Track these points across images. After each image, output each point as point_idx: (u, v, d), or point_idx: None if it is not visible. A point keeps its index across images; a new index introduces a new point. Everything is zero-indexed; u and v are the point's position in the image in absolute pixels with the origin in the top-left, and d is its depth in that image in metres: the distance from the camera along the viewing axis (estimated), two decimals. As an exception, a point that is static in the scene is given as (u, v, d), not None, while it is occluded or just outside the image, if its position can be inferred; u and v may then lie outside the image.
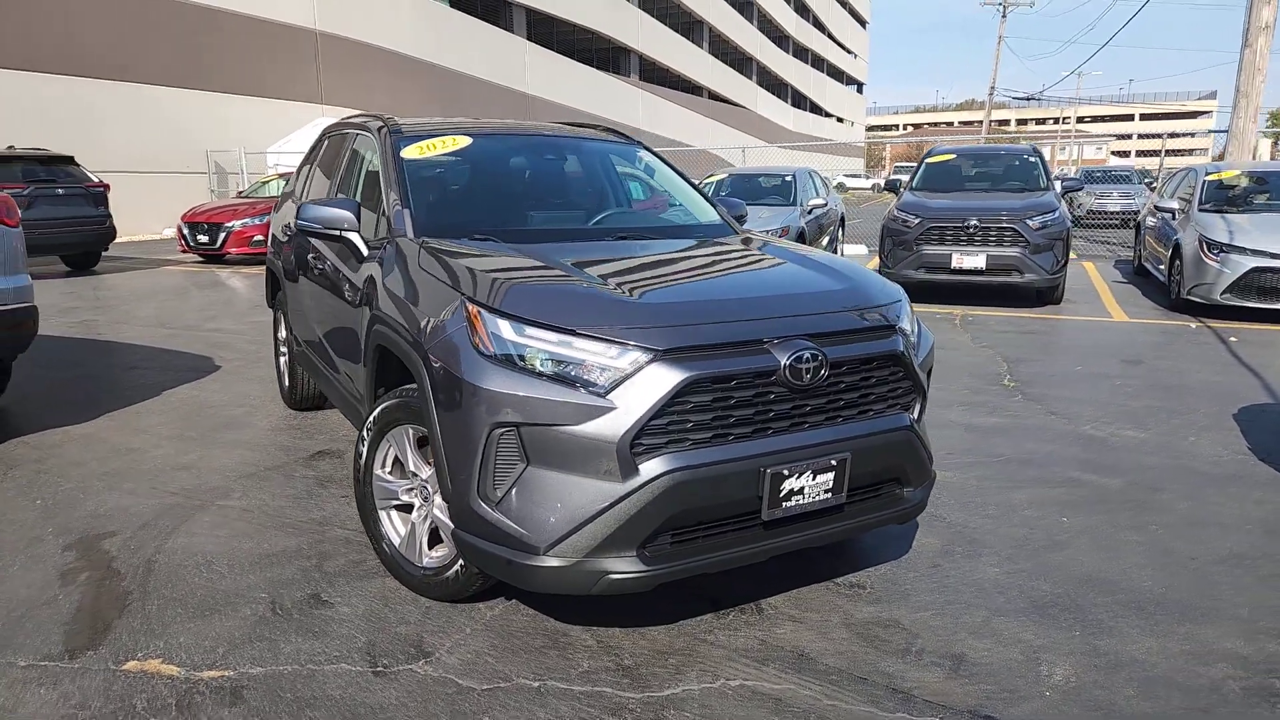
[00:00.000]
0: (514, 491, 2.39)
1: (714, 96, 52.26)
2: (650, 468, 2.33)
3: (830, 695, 2.42)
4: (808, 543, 2.69)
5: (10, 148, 12.01)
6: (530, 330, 2.41)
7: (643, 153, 4.34)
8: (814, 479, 2.57)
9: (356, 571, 3.13)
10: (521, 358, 2.39)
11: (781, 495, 2.51)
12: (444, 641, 2.68)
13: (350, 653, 2.61)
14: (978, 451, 4.57)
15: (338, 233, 3.37)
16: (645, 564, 2.39)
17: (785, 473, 2.50)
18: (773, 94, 62.70)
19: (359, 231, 3.38)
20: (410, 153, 3.67)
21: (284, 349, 5.21)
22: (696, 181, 12.15)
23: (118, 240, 13.59)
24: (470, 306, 2.52)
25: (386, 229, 3.33)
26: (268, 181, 15.14)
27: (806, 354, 2.50)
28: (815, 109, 72.49)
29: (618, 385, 2.33)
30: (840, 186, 41.89)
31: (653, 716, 2.32)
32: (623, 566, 2.37)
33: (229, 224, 12.99)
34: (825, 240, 12.30)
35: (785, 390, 2.50)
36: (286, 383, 5.20)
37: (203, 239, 13.09)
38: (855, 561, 3.27)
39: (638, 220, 3.97)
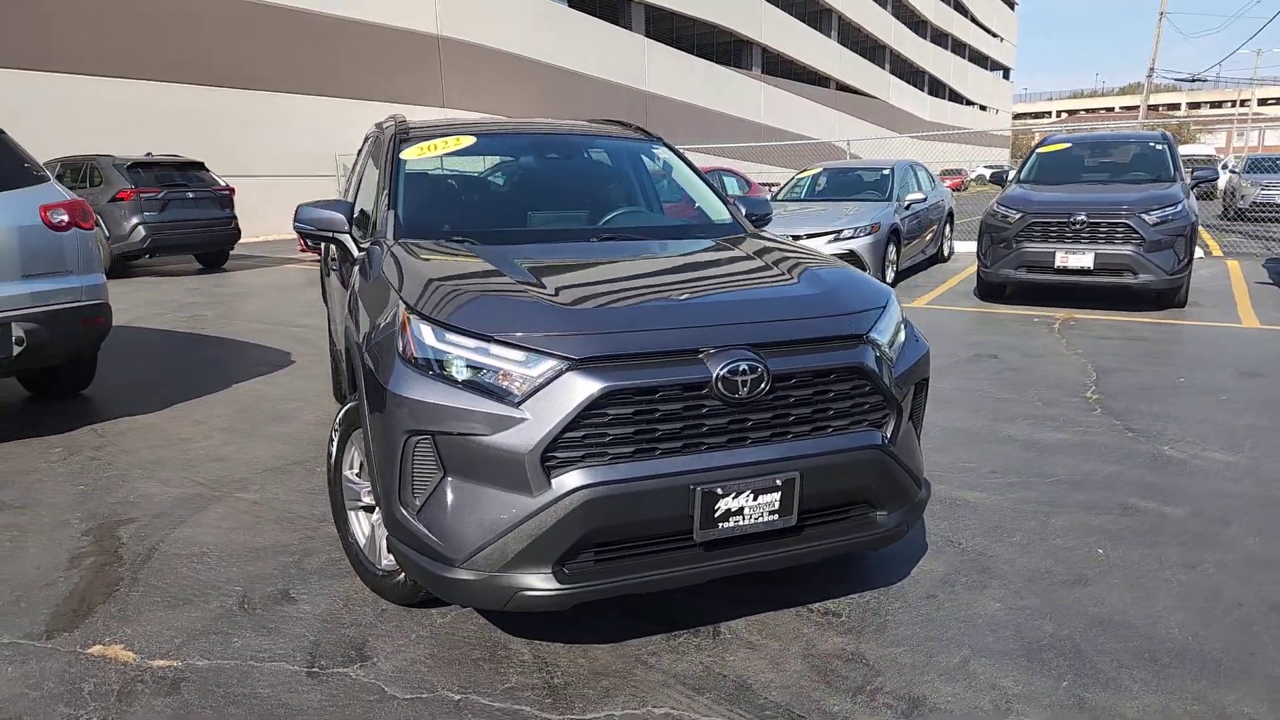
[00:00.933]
0: (432, 501, 2.35)
1: (841, 87, 50.83)
2: (563, 482, 2.24)
3: (757, 733, 2.25)
4: (757, 566, 2.52)
5: (149, 154, 13.08)
6: (450, 336, 2.36)
7: (660, 150, 4.21)
8: (755, 499, 2.39)
9: (331, 570, 3.18)
10: (440, 364, 2.34)
11: (717, 515, 2.36)
12: (386, 646, 2.67)
13: (294, 652, 2.64)
14: (1026, 471, 4.19)
15: (330, 234, 3.43)
16: (561, 581, 2.29)
17: (719, 492, 2.34)
18: (907, 82, 60.35)
19: (350, 233, 3.43)
20: (409, 154, 3.70)
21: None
22: (793, 174, 11.75)
23: (253, 240, 14.54)
24: (402, 311, 2.49)
25: (373, 230, 3.37)
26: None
27: (743, 365, 2.33)
28: (955, 97, 69.28)
29: (532, 395, 2.25)
30: (980, 179, 39.73)
31: (562, 741, 2.23)
32: (537, 583, 2.28)
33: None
34: (928, 237, 11.70)
35: (720, 404, 2.34)
36: (334, 378, 5.38)
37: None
38: (839, 587, 3.04)
39: (635, 220, 3.85)
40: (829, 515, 2.61)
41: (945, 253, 12.68)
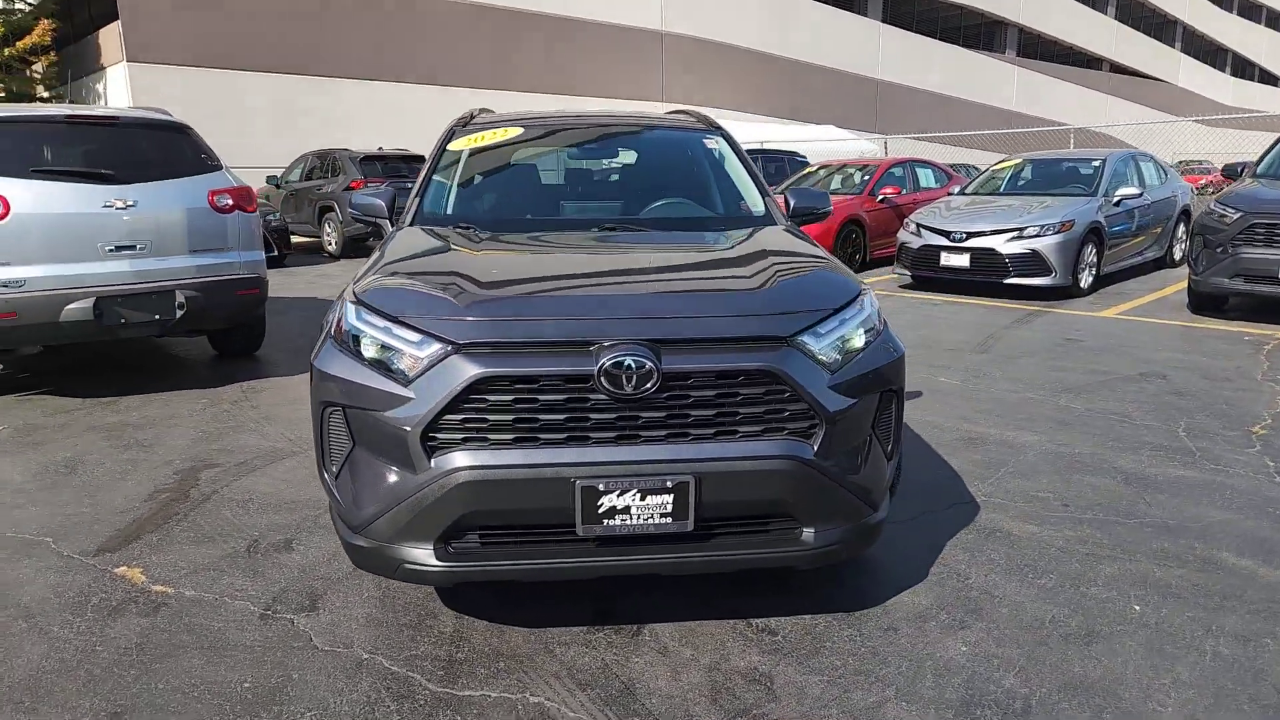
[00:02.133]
0: (344, 468, 2.51)
1: (1116, 69, 45.66)
2: (442, 462, 2.30)
3: (608, 738, 2.20)
4: (653, 569, 2.45)
5: (380, 148, 14.61)
6: (366, 315, 2.50)
7: (712, 140, 4.10)
8: (643, 500, 2.32)
9: (338, 527, 3.47)
10: (355, 340, 2.49)
11: (600, 512, 2.31)
12: (337, 601, 2.89)
13: (262, 594, 2.94)
14: (1112, 508, 3.64)
15: (373, 219, 3.72)
16: (441, 559, 2.36)
17: (601, 488, 2.29)
18: (1203, 62, 52.99)
19: (390, 219, 3.70)
20: (456, 144, 3.91)
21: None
22: (998, 162, 10.83)
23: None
24: (348, 290, 2.68)
25: (402, 216, 3.60)
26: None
27: (629, 360, 2.26)
28: (1267, 78, 59.77)
29: (419, 376, 2.33)
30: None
31: (428, 710, 2.31)
32: (419, 557, 2.37)
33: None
34: (1146, 239, 10.28)
35: (606, 399, 2.29)
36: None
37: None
38: (793, 604, 2.85)
39: (666, 212, 3.77)
40: (743, 526, 2.46)
41: (1174, 256, 11.08)
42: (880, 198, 11.62)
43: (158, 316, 5.32)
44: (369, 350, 2.45)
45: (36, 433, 4.75)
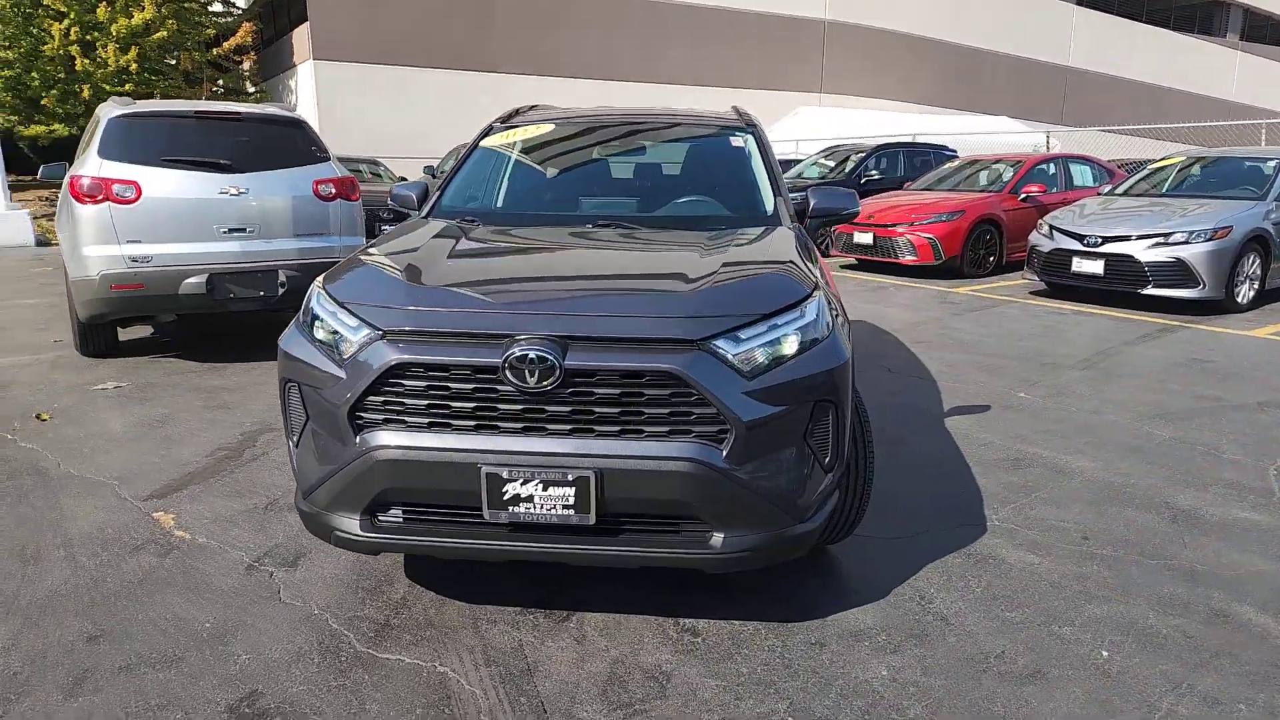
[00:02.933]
0: (301, 439, 2.75)
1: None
2: (366, 439, 2.48)
3: (495, 711, 2.31)
4: (560, 558, 2.52)
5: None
6: (323, 299, 2.72)
7: (738, 140, 4.06)
8: (545, 490, 2.40)
9: (351, 493, 3.77)
10: (312, 324, 2.71)
11: (505, 499, 2.42)
12: (317, 560, 3.16)
13: (258, 547, 3.26)
14: (1135, 545, 3.33)
15: (404, 210, 3.98)
16: (365, 530, 2.54)
17: (505, 476, 2.40)
18: None
19: (418, 210, 3.94)
20: (490, 141, 4.10)
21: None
22: (1161, 159, 9.94)
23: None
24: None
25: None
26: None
27: (532, 354, 2.35)
28: None
29: (352, 358, 2.52)
30: None
31: (343, 667, 2.51)
32: (346, 526, 2.56)
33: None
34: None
35: (514, 390, 2.38)
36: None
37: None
38: (731, 609, 2.83)
39: (678, 210, 3.79)
40: (653, 524, 2.49)
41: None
42: (1023, 196, 10.88)
43: (262, 293, 5.90)
44: (319, 333, 2.67)
45: (149, 390, 5.42)
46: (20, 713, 2.30)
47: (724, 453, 2.41)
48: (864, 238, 10.92)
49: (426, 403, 2.45)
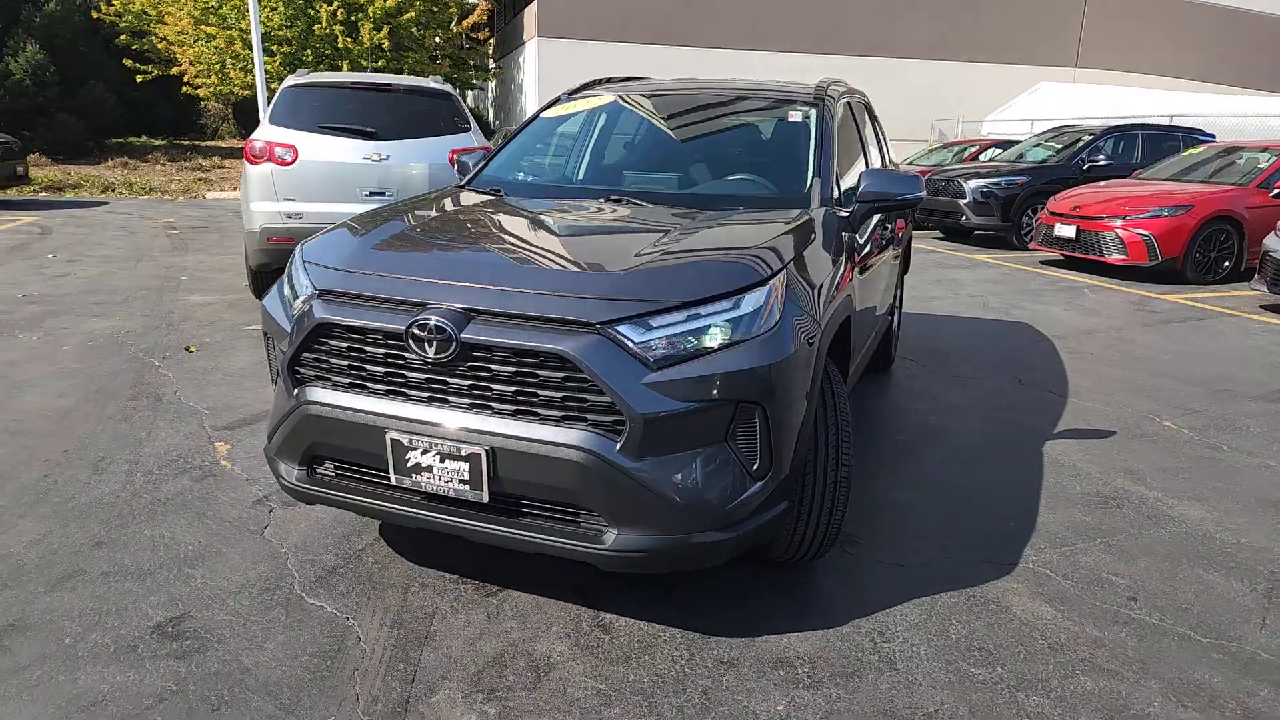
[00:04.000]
0: (275, 388, 2.93)
1: None
2: (300, 393, 2.59)
3: (369, 671, 2.36)
4: (457, 532, 2.49)
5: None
6: (295, 257, 2.86)
7: (796, 114, 3.73)
8: (442, 462, 2.39)
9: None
10: (284, 282, 2.86)
11: (408, 466, 2.44)
12: (313, 509, 3.35)
13: (274, 485, 3.53)
14: (1195, 619, 2.75)
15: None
16: (299, 480, 2.66)
17: (405, 444, 2.41)
18: None
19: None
20: (551, 111, 4.10)
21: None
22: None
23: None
24: None
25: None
26: (934, 150, 15.35)
27: (431, 324, 2.33)
28: None
29: (297, 314, 2.63)
30: None
31: (272, 605, 2.67)
32: (287, 475, 2.70)
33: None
34: None
35: (419, 359, 2.38)
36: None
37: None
38: (661, 612, 2.67)
39: (691, 188, 3.57)
40: (552, 511, 2.39)
41: None
42: (1276, 192, 9.16)
43: (394, 253, 6.33)
44: (285, 289, 2.81)
45: (285, 335, 6.02)
46: (4, 599, 2.66)
47: (619, 445, 2.26)
48: (1066, 230, 9.73)
49: (347, 363, 2.51)
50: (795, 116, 3.75)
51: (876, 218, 3.94)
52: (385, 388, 2.47)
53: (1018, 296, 8.30)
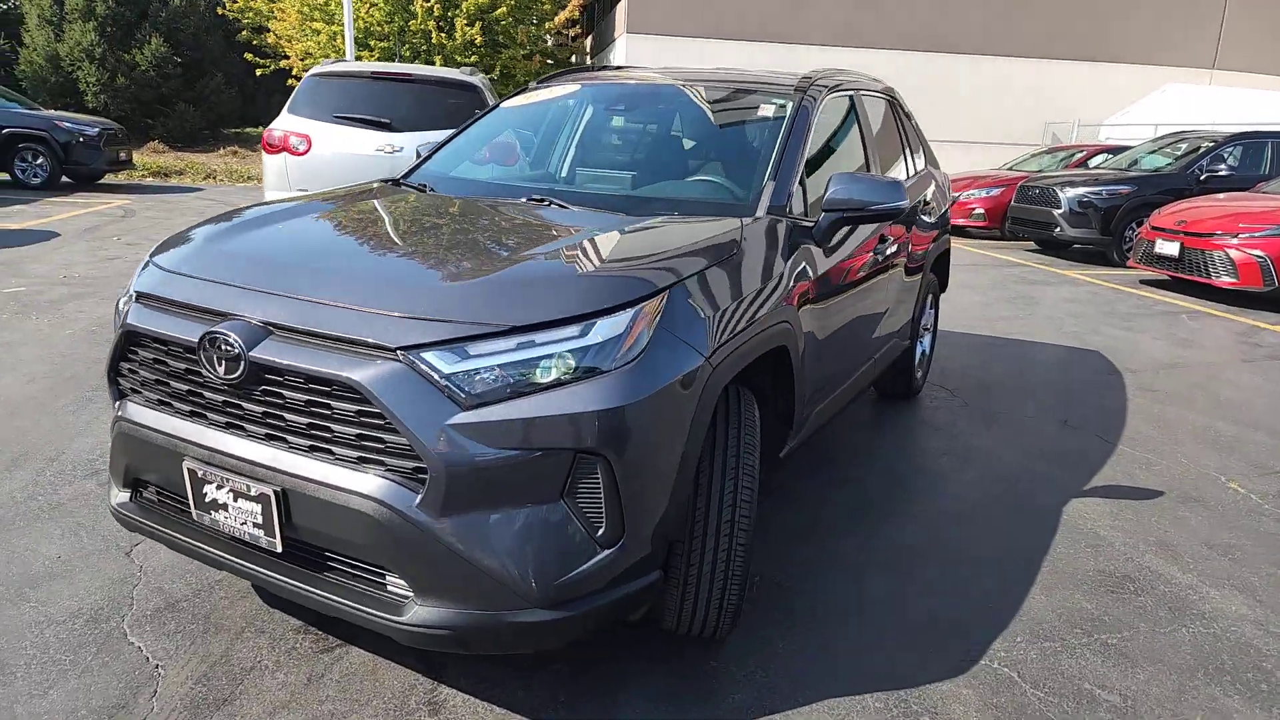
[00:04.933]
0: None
1: None
2: (119, 407, 2.30)
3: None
4: (257, 582, 2.14)
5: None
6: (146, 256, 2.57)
7: (770, 108, 3.21)
8: (236, 501, 2.05)
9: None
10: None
11: (206, 501, 2.10)
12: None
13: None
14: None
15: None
16: (120, 505, 2.35)
17: (200, 475, 2.08)
18: None
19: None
20: (513, 101, 3.73)
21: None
22: None
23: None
24: None
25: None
26: (1036, 154, 14.18)
27: (219, 338, 1.98)
28: None
29: (121, 318, 2.34)
30: None
31: (90, 638, 2.39)
32: (113, 498, 2.40)
33: (954, 194, 12.91)
34: None
35: (215, 377, 2.04)
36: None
37: (933, 206, 13.33)
38: (513, 688, 2.24)
39: (626, 189, 3.10)
40: (357, 570, 2.01)
41: None
42: None
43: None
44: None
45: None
46: None
47: (419, 499, 1.86)
48: (1168, 247, 8.67)
49: (155, 377, 2.20)
50: (767, 111, 3.24)
51: (872, 228, 3.40)
52: (188, 408, 2.14)
53: (1100, 320, 7.40)
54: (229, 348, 1.97)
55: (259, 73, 22.96)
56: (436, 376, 1.85)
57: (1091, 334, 6.83)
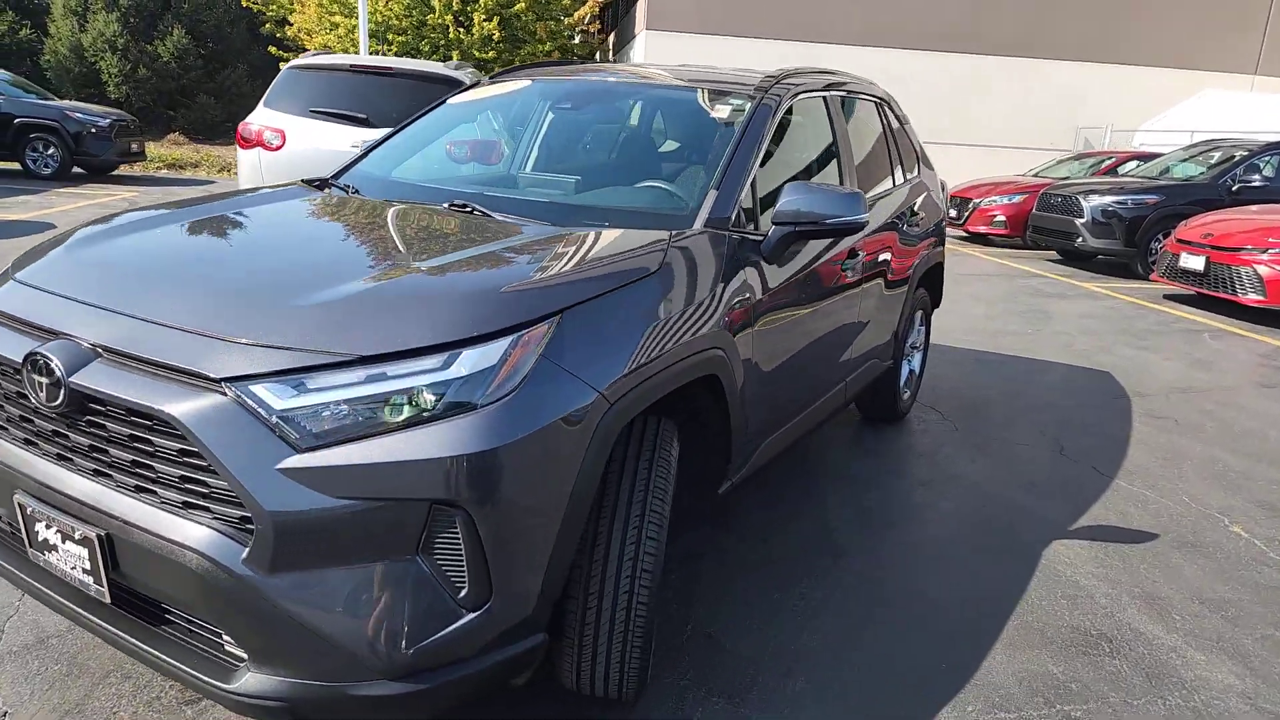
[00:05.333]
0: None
1: None
2: (-33, 431, 2.09)
3: None
4: (93, 633, 1.90)
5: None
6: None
7: (724, 110, 2.94)
8: (64, 543, 1.82)
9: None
10: None
11: (39, 540, 1.88)
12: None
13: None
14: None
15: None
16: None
17: (29, 511, 1.86)
18: None
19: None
20: (460, 98, 3.50)
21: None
22: None
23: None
24: None
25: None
26: (1063, 161, 13.72)
27: (41, 361, 1.76)
28: None
29: None
30: None
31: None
32: None
33: (975, 200, 12.51)
34: None
35: (41, 404, 1.82)
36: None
37: (951, 213, 12.93)
38: None
39: (569, 195, 2.85)
40: (194, 627, 1.78)
41: None
42: None
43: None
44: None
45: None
46: None
47: (245, 553, 1.62)
48: (1193, 262, 8.24)
49: (-7, 398, 1.98)
50: (721, 113, 2.97)
51: (846, 242, 3.14)
52: (22, 434, 1.92)
53: (1114, 338, 7.02)
54: (48, 372, 1.74)
55: (282, 66, 23.01)
56: (265, 413, 1.61)
57: (1102, 353, 6.46)
